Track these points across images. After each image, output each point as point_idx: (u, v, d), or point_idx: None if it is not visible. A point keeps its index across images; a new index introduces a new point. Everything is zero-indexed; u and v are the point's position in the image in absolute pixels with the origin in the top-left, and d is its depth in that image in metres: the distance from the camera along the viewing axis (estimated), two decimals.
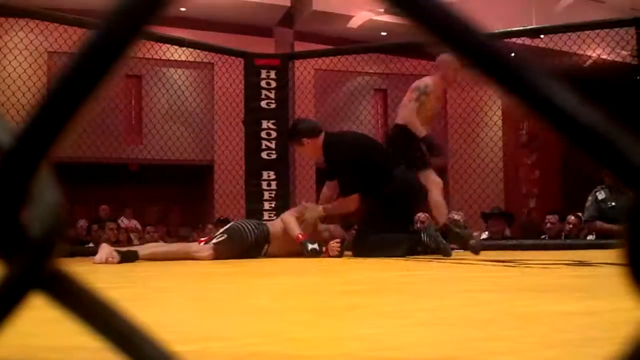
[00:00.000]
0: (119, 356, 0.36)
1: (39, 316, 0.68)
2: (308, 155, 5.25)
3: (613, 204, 6.01)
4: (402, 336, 1.11)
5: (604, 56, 8.13)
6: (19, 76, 6.56)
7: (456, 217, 7.80)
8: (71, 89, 0.31)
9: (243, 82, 7.11)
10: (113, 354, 0.37)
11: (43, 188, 0.33)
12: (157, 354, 0.36)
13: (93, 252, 5.66)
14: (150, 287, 2.58)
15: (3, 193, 0.32)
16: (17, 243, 0.33)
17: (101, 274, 3.21)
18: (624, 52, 7.18)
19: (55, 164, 0.33)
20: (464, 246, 4.88)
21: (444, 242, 4.68)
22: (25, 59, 6.61)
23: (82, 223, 9.47)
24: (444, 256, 4.54)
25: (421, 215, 7.32)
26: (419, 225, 5.77)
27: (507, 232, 7.89)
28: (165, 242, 7.72)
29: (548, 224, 7.69)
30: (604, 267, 3.08)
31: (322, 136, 4.99)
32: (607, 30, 6.41)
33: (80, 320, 0.36)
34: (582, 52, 7.61)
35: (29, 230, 0.33)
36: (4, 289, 0.33)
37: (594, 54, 7.89)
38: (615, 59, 8.12)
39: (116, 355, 0.36)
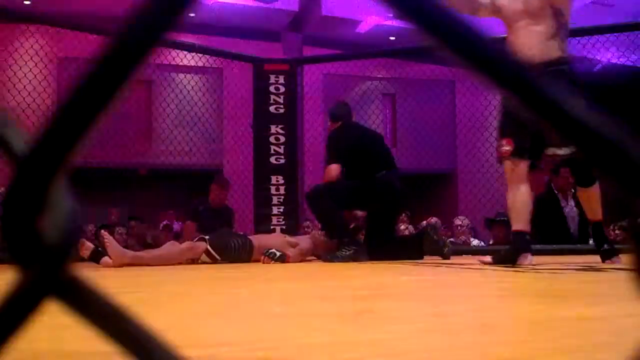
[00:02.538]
0: None
1: (51, 322, 0.68)
2: None
3: None
4: (412, 341, 1.11)
5: (613, 60, 8.10)
6: (30, 81, 6.61)
7: (457, 222, 7.77)
8: (89, 96, 0.31)
9: (252, 87, 7.13)
10: (124, 359, 0.37)
11: (59, 195, 0.33)
12: (168, 358, 0.36)
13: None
14: (161, 292, 2.59)
15: (20, 200, 0.32)
16: (33, 250, 0.33)
17: (112, 279, 3.22)
18: (634, 56, 7.15)
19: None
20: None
21: (445, 242, 5.01)
22: (36, 64, 6.65)
23: (91, 227, 9.49)
24: (442, 257, 4.73)
25: (431, 219, 7.36)
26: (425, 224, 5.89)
27: None
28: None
29: None
30: (613, 272, 3.07)
31: (339, 123, 5.28)
32: (617, 34, 6.39)
33: (92, 325, 0.36)
34: (591, 56, 7.58)
35: (44, 237, 0.33)
36: (20, 296, 0.33)
37: (603, 58, 7.85)
38: (626, 63, 8.09)
39: None
